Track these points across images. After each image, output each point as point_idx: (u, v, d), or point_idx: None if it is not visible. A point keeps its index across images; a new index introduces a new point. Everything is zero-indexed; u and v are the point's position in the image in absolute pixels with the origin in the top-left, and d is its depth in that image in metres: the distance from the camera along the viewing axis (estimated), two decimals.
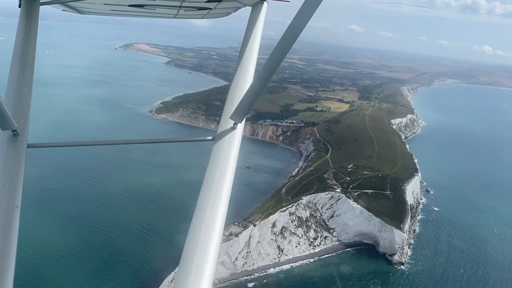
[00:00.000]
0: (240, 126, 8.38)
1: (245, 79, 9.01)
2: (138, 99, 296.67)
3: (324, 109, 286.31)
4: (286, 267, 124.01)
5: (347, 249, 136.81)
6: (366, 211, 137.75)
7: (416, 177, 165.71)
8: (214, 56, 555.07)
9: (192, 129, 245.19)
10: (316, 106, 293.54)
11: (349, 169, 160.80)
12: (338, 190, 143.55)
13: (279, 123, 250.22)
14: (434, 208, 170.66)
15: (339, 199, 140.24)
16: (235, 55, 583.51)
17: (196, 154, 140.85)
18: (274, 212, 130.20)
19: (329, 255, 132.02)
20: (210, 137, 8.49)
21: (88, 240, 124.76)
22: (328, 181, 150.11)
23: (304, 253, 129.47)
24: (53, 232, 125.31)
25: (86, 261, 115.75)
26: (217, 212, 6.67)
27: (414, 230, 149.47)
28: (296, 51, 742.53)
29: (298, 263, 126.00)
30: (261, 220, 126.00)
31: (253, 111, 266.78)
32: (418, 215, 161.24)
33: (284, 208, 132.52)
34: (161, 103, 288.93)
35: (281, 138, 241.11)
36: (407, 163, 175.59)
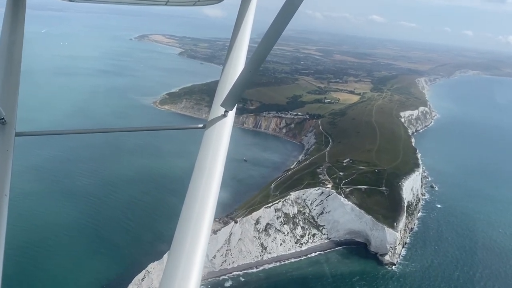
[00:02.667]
0: (231, 114, 8.23)
1: (236, 66, 8.86)
2: (144, 89, 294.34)
3: (332, 101, 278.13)
4: (269, 266, 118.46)
5: (337, 248, 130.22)
6: (358, 208, 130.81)
7: (417, 173, 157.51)
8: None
9: (194, 120, 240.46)
10: (325, 97, 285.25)
11: (344, 164, 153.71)
12: (329, 185, 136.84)
13: (283, 115, 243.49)
14: (437, 205, 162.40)
15: (329, 195, 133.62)
16: (252, 46, 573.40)
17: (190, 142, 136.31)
18: (259, 208, 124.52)
19: (316, 253, 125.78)
20: (201, 125, 8.41)
21: (71, 231, 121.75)
22: (320, 176, 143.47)
23: (290, 251, 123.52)
24: (38, 222, 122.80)
25: (66, 253, 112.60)
26: (208, 200, 6.64)
27: (411, 229, 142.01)
28: (314, 42, 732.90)
29: (282, 262, 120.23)
30: (243, 217, 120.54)
31: (257, 103, 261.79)
32: (418, 213, 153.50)
33: (270, 204, 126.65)
34: (166, 94, 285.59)
35: (284, 130, 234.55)
36: (409, 158, 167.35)
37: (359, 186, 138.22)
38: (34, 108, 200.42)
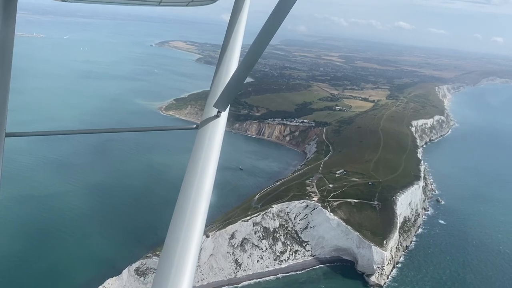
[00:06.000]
0: (224, 114, 8.18)
1: (229, 67, 8.91)
2: (153, 95, 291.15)
3: (344, 108, 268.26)
4: (243, 284, 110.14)
5: (321, 266, 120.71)
6: (344, 223, 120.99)
7: (416, 186, 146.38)
8: None
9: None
10: (336, 105, 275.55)
11: (337, 175, 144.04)
12: (315, 198, 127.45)
13: (288, 123, 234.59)
14: (440, 221, 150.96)
15: (314, 209, 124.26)
16: (273, 52, 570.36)
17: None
18: (235, 222, 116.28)
19: (297, 272, 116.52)
20: (194, 126, 8.42)
21: (42, 240, 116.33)
22: (308, 188, 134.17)
23: (267, 269, 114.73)
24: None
25: (28, 264, 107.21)
26: (200, 200, 6.60)
27: (407, 247, 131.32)
28: (338, 48, 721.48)
29: (257, 280, 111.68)
30: (217, 231, 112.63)
31: (264, 109, 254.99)
32: (418, 229, 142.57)
33: (248, 217, 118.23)
34: (174, 99, 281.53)
35: (287, 138, 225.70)
36: (410, 170, 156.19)
37: (348, 200, 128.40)
38: (24, 111, 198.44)
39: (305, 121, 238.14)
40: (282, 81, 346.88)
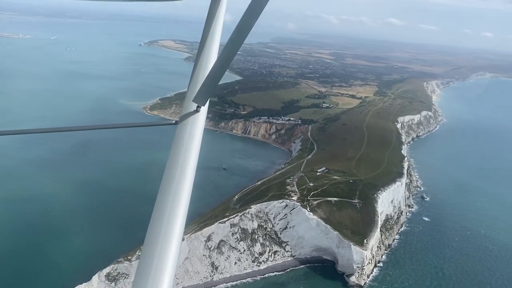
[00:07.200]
0: (204, 109, 8.08)
1: (208, 62, 8.83)
2: (138, 94, 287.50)
3: (331, 106, 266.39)
4: (219, 287, 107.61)
5: (301, 266, 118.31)
6: (323, 223, 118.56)
7: (399, 183, 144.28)
8: (239, 52, 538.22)
9: None
10: (323, 102, 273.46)
11: (318, 173, 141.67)
12: (294, 198, 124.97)
13: (274, 121, 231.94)
14: (424, 219, 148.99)
15: (293, 209, 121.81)
16: (264, 50, 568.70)
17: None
18: (212, 224, 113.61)
19: (275, 273, 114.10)
20: (173, 121, 8.31)
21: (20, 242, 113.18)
22: (288, 187, 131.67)
23: (245, 271, 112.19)
24: None
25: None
26: (181, 197, 6.38)
27: (389, 245, 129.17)
28: (329, 46, 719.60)
29: (234, 283, 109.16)
30: (192, 233, 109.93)
31: (250, 108, 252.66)
32: (401, 227, 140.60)
33: (225, 219, 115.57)
34: (159, 99, 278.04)
35: (273, 136, 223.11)
36: (393, 167, 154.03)
37: (329, 198, 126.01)
38: (5, 113, 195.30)
39: (291, 119, 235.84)
40: (270, 79, 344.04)
